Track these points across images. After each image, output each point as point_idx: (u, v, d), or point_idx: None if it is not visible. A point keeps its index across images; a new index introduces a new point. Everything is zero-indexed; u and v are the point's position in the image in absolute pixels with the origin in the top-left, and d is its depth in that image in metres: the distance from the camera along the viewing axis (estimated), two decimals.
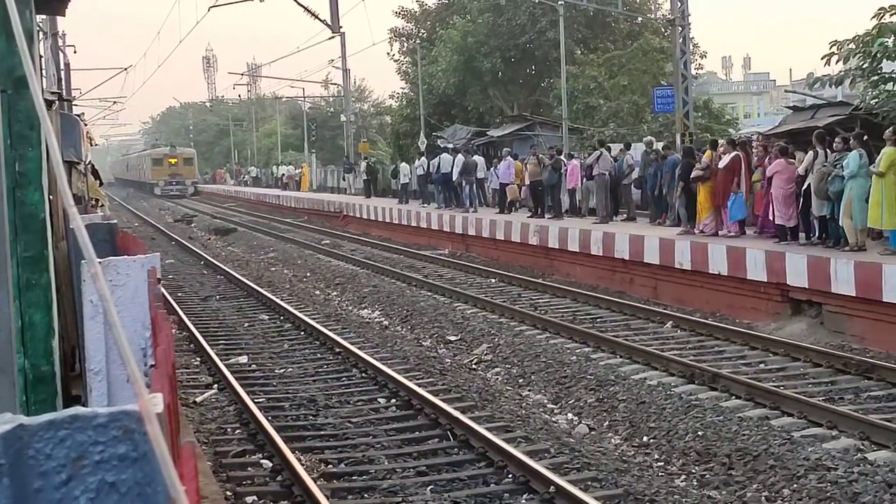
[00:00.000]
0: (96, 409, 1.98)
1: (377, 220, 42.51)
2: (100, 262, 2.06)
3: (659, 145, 29.39)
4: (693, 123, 31.61)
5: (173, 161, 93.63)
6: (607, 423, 13.03)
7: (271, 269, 31.32)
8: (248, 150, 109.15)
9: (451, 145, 41.82)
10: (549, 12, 45.38)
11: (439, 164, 37.47)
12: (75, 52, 44.57)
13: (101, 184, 25.65)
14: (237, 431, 12.81)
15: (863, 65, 25.35)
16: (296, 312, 21.27)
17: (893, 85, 24.47)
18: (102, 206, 23.14)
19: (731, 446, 11.20)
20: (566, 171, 29.79)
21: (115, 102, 70.81)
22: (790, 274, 18.20)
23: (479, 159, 36.45)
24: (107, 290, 1.92)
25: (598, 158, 27.24)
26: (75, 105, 42.94)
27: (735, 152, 21.90)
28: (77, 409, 1.98)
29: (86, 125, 25.96)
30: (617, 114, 42.67)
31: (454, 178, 36.05)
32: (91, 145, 29.72)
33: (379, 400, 14.24)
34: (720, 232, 21.96)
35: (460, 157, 35.88)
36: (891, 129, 18.48)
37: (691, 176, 22.69)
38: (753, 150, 22.56)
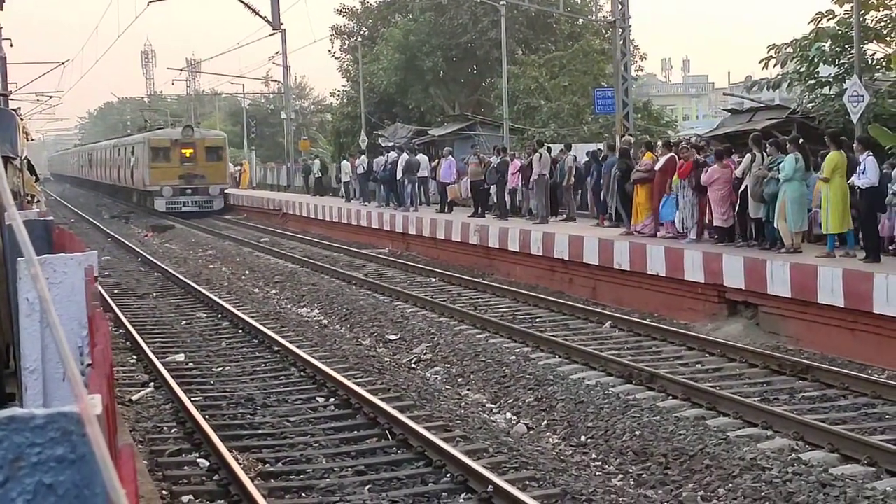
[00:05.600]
0: (33, 410, 1.96)
1: (317, 219, 42.35)
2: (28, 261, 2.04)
3: (601, 145, 29.64)
4: (633, 125, 31.80)
5: (188, 152, 54.47)
6: (546, 422, 13.08)
7: (209, 267, 31.10)
8: None
9: (391, 143, 41.77)
10: (490, 12, 45.50)
11: (387, 161, 37.16)
12: (11, 45, 43.89)
13: (36, 179, 25.36)
14: (173, 430, 12.72)
15: (800, 69, 25.74)
16: (234, 310, 21.16)
17: (830, 89, 24.83)
18: (38, 202, 22.90)
19: (667, 446, 11.29)
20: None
21: (51, 97, 69.94)
22: (727, 275, 18.38)
23: (423, 158, 36.39)
24: (47, 292, 1.90)
25: (539, 159, 27.31)
26: (11, 99, 42.36)
27: (670, 154, 22.08)
28: (14, 411, 1.96)
29: (21, 120, 25.64)
30: (558, 114, 42.83)
31: (398, 177, 35.94)
32: (27, 140, 29.36)
33: (317, 399, 14.20)
34: (658, 233, 22.12)
35: (404, 155, 35.81)
36: (828, 135, 18.70)
37: (633, 178, 22.81)
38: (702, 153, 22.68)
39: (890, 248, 17.87)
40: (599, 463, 11.41)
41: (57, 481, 1.95)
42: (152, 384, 15.29)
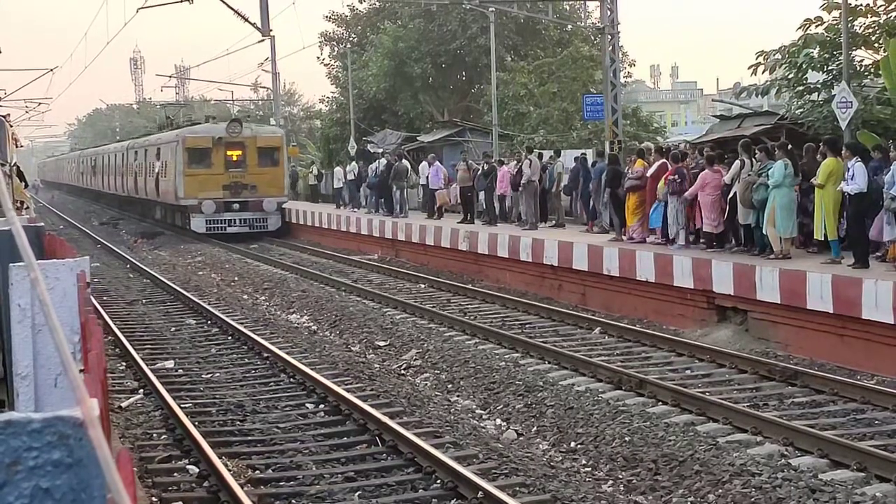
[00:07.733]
0: (30, 414, 1.97)
1: (306, 225, 42.29)
2: (26, 266, 2.05)
3: (588, 151, 29.64)
4: (622, 131, 31.83)
5: (235, 154, 41.99)
6: (535, 428, 13.09)
7: (199, 274, 31.06)
8: None
9: (381, 150, 41.75)
10: (479, 19, 45.51)
11: (377, 167, 37.10)
12: (0, 52, 43.80)
13: (25, 185, 25.33)
14: (163, 437, 12.70)
15: (788, 75, 25.82)
16: (223, 317, 21.12)
17: (818, 95, 24.91)
18: (27, 208, 22.86)
19: (657, 452, 11.31)
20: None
21: (40, 104, 69.74)
22: (716, 281, 18.40)
23: (422, 165, 36.24)
24: (47, 296, 1.90)
25: (529, 165, 27.30)
26: (0, 106, 42.27)
27: (662, 160, 22.09)
28: (11, 415, 1.97)
29: (11, 126, 25.61)
30: (547, 120, 42.83)
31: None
32: (16, 147, 29.32)
33: (307, 405, 14.18)
34: (647, 239, 22.13)
35: (396, 161, 35.76)
36: (823, 143, 18.68)
37: (626, 185, 22.77)
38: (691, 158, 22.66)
39: (877, 253, 17.89)
40: (589, 469, 11.42)
41: (54, 485, 1.96)
42: (142, 391, 15.26)
